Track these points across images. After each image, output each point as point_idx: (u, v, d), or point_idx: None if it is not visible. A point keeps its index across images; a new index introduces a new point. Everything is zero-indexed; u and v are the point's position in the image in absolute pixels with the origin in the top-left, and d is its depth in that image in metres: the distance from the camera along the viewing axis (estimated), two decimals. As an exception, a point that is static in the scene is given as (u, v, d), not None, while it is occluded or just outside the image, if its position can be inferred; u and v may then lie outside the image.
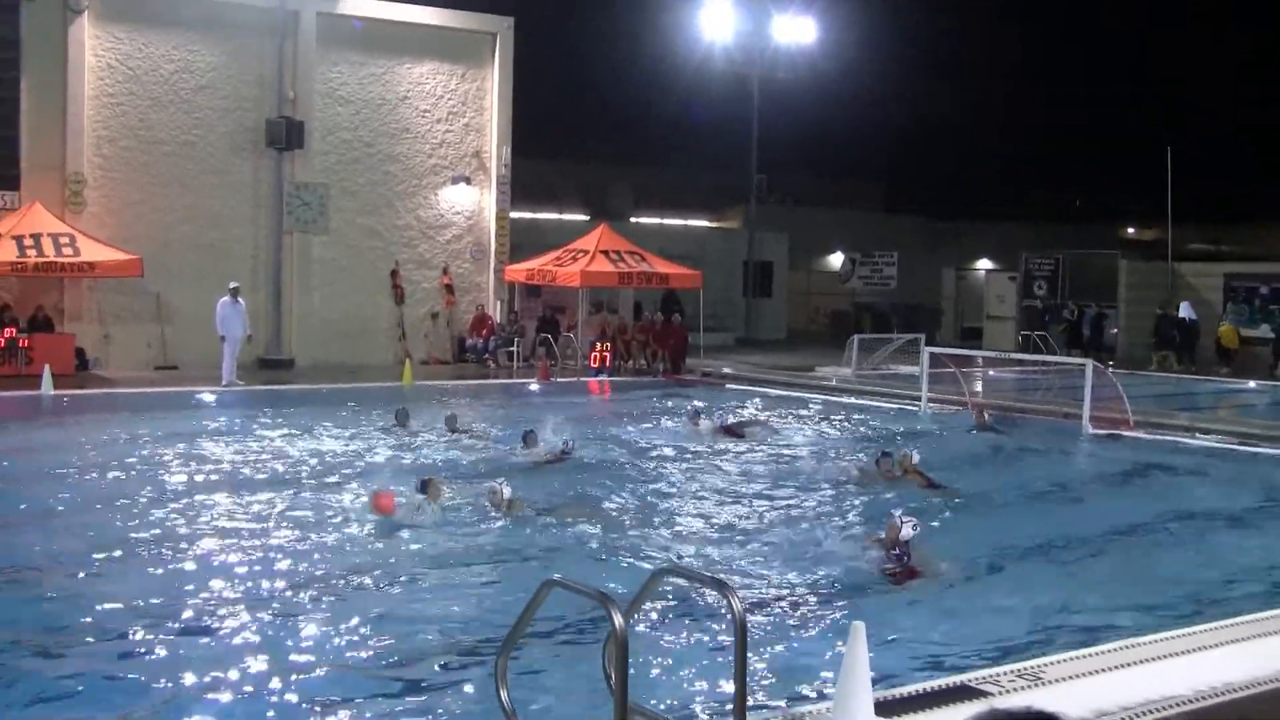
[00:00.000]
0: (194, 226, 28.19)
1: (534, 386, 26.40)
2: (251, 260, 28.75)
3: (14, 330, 25.01)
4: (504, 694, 6.04)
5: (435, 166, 31.17)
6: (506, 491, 12.83)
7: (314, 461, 15.95)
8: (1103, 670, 7.42)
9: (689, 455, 17.24)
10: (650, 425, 20.22)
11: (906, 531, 10.77)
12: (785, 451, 17.86)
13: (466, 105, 31.51)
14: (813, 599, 10.08)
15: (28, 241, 24.89)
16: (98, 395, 22.84)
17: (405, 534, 11.80)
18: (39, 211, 25.69)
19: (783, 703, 7.50)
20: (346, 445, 17.35)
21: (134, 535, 11.67)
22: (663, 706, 7.21)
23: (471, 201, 31.70)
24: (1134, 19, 61.15)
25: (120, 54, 27.46)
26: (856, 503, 14.03)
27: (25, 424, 19.63)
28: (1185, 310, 34.48)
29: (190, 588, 9.89)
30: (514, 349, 30.02)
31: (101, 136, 27.31)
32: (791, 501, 14.15)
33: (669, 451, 17.54)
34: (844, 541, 12.01)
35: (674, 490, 14.78)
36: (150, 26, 27.75)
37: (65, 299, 26.86)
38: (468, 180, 31.43)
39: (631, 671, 5.68)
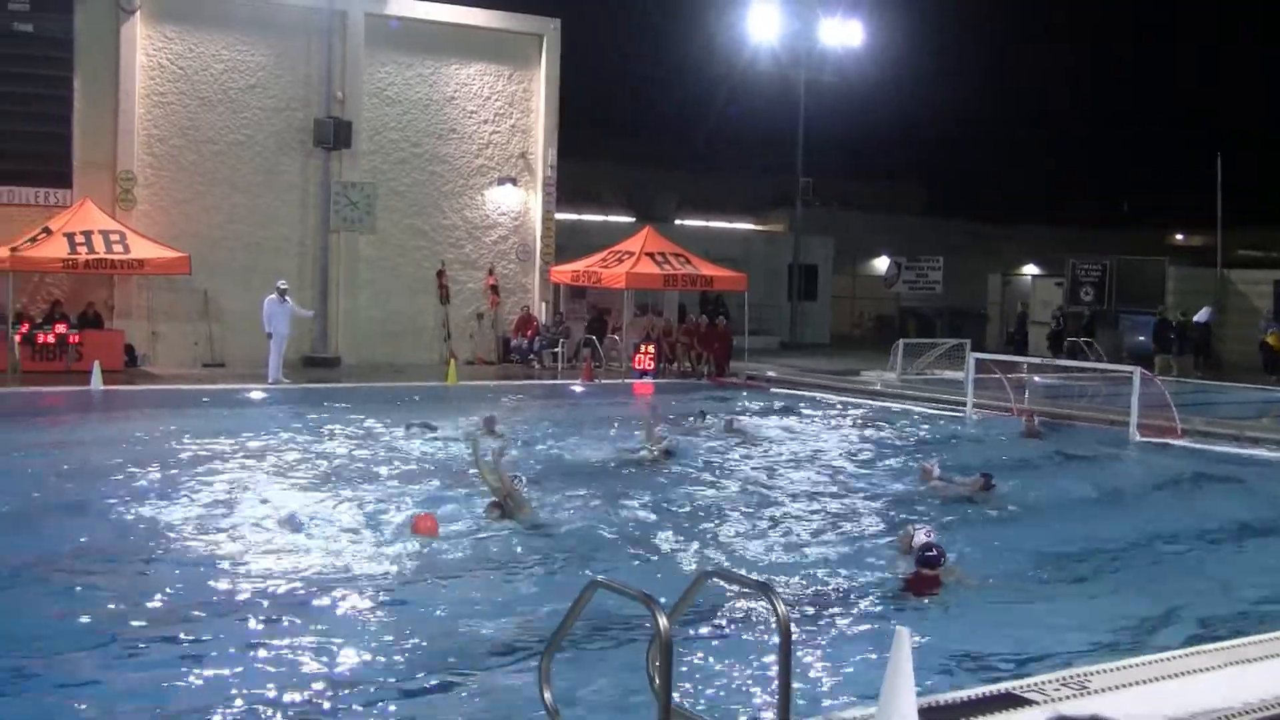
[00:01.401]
0: (242, 225, 28.47)
1: (578, 388, 26.42)
2: (298, 259, 28.98)
3: (65, 326, 25.35)
4: (547, 694, 6.04)
5: (481, 167, 31.30)
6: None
7: (357, 461, 16.01)
8: (1150, 680, 7.32)
9: (730, 458, 17.18)
10: (693, 427, 20.16)
11: (919, 539, 10.72)
12: (828, 456, 17.78)
13: (513, 106, 31.61)
14: (856, 604, 10.03)
15: (79, 238, 25.19)
16: (146, 391, 23.08)
17: (445, 535, 11.80)
18: (90, 209, 26.00)
19: (826, 707, 7.46)
20: (389, 445, 17.41)
21: (175, 530, 11.75)
22: (706, 709, 7.18)
23: (517, 202, 31.80)
24: (1182, 21, 60.59)
25: (171, 54, 27.76)
26: (902, 508, 13.93)
27: (75, 418, 19.88)
28: (1203, 315, 33.94)
29: (229, 584, 9.94)
30: (559, 350, 30.06)
31: (152, 135, 27.61)
32: (835, 506, 14.06)
33: (710, 453, 17.49)
34: (887, 547, 11.94)
35: (718, 492, 14.70)
36: (200, 27, 28.05)
37: (115, 296, 27.19)
38: (514, 181, 31.56)
39: (675, 673, 5.66)
